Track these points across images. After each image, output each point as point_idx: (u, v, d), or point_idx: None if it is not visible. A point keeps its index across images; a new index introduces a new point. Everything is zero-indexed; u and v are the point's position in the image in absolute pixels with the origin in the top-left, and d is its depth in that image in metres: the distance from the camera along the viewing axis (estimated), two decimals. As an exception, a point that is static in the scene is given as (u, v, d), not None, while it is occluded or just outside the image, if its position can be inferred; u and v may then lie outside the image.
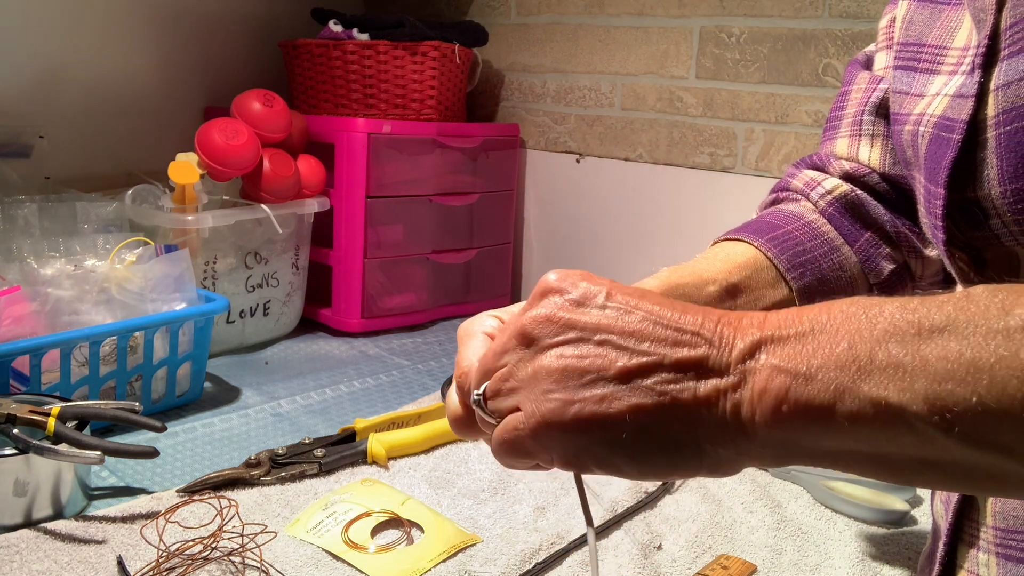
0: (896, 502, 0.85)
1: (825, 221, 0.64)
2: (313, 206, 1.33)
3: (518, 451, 0.41)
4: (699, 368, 0.37)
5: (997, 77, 0.45)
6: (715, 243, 0.65)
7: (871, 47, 0.68)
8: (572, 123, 1.55)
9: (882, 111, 0.64)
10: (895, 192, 0.64)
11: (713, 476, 0.39)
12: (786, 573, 0.76)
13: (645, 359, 0.37)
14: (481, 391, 0.42)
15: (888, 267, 0.62)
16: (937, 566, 0.54)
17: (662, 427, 0.37)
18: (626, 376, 0.37)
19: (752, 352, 0.36)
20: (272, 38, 1.63)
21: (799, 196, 0.67)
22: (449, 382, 1.16)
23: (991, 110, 0.45)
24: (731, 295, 0.58)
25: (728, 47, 1.33)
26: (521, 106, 1.63)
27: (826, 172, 0.66)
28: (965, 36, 0.50)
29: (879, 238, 0.63)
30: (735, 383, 0.36)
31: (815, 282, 0.60)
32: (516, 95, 1.64)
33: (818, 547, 0.80)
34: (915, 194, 0.60)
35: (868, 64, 0.67)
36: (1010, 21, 0.44)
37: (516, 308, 0.48)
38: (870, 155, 0.64)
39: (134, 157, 1.48)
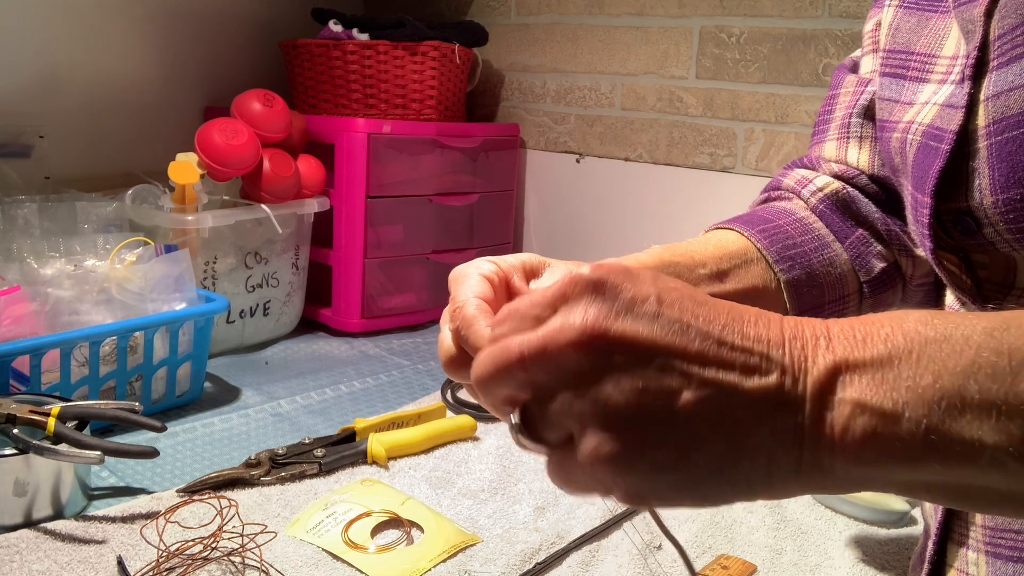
0: (896, 502, 0.85)
1: (816, 218, 0.64)
2: (313, 206, 1.33)
3: (576, 488, 0.37)
4: (774, 399, 0.33)
5: (987, 87, 0.45)
6: (707, 232, 0.65)
7: (857, 52, 0.68)
8: (572, 123, 1.55)
9: (870, 114, 0.64)
10: (884, 193, 0.64)
11: (768, 499, 0.36)
12: (786, 573, 0.76)
13: (714, 391, 0.33)
14: (518, 418, 0.37)
15: (879, 265, 0.62)
16: (927, 565, 0.54)
17: (735, 467, 0.34)
18: (694, 412, 0.33)
19: (829, 382, 0.33)
20: (272, 38, 1.63)
21: (791, 195, 0.67)
22: (449, 383, 1.16)
23: (982, 120, 0.45)
24: (719, 279, 0.57)
25: (728, 47, 1.33)
26: (521, 106, 1.63)
27: (816, 171, 0.67)
28: (953, 45, 0.50)
29: (870, 236, 0.63)
30: (814, 420, 0.33)
31: (804, 276, 0.60)
32: (516, 95, 1.64)
33: (818, 547, 0.80)
34: (903, 198, 0.60)
35: (855, 68, 0.67)
36: (999, 32, 0.44)
37: (513, 259, 0.47)
38: (859, 158, 0.64)
39: (134, 157, 1.48)
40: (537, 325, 0.35)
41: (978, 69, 0.45)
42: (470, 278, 0.45)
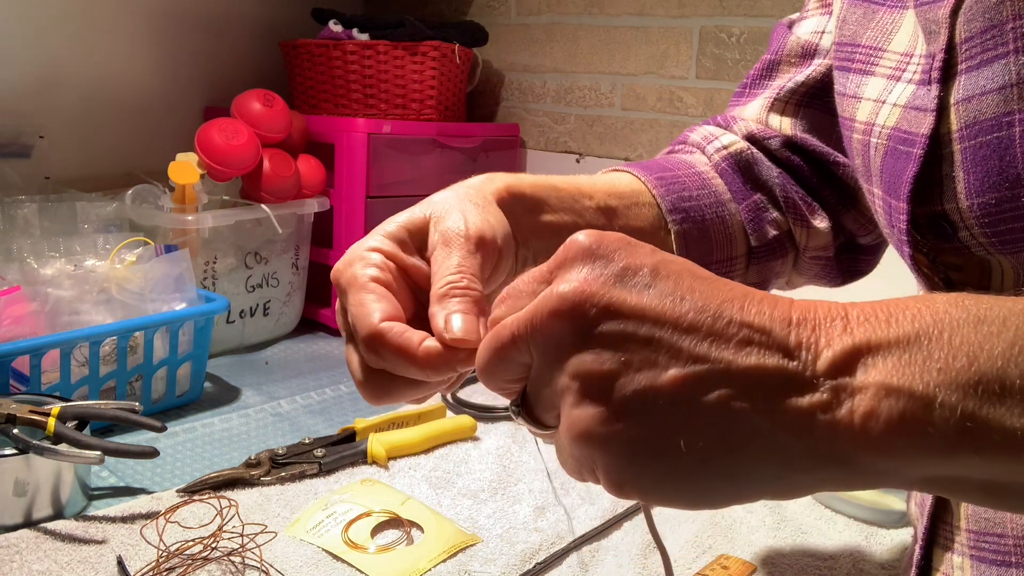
0: (896, 502, 0.85)
1: (716, 175, 0.63)
2: (313, 206, 1.33)
3: (569, 472, 0.35)
4: (776, 380, 0.30)
5: (957, 91, 0.44)
6: (600, 173, 0.63)
7: (795, 15, 0.67)
8: (572, 123, 1.55)
9: (804, 88, 0.63)
10: (799, 157, 0.63)
11: (778, 500, 0.33)
12: (786, 573, 0.76)
13: (704, 367, 0.30)
14: (519, 402, 0.36)
15: (771, 232, 0.62)
16: (914, 569, 0.54)
17: (727, 457, 0.30)
18: (681, 389, 0.30)
19: (848, 363, 0.30)
20: (272, 38, 1.63)
21: (694, 149, 0.66)
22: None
23: (954, 124, 0.44)
24: (606, 216, 0.55)
25: (728, 47, 1.33)
26: (521, 106, 1.63)
27: (727, 130, 0.66)
28: (906, 40, 0.50)
29: (767, 201, 0.62)
30: (826, 402, 0.30)
31: (695, 230, 0.59)
32: (516, 95, 1.64)
33: (818, 547, 0.80)
34: (836, 172, 0.60)
35: (791, 27, 0.66)
36: (966, 34, 0.44)
37: (394, 228, 0.45)
38: (781, 123, 0.63)
39: (134, 157, 1.48)
40: (532, 300, 0.34)
41: (945, 71, 0.45)
42: (364, 290, 0.42)
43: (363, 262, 0.43)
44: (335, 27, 1.46)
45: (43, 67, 1.38)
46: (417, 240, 0.46)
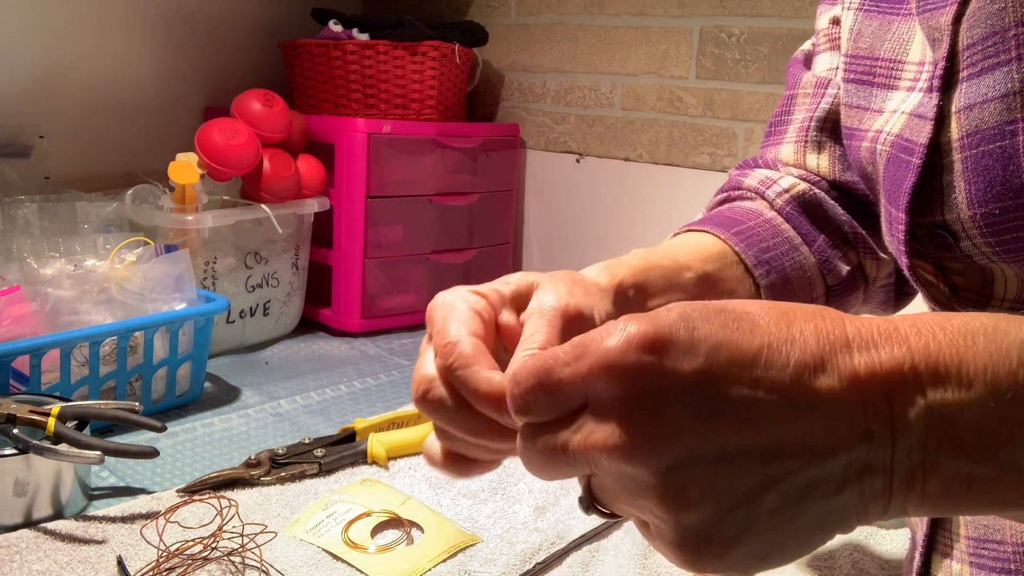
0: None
1: (783, 220, 0.62)
2: (313, 206, 1.33)
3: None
4: (859, 466, 0.30)
5: (958, 99, 0.43)
6: (675, 235, 0.62)
7: (807, 45, 0.66)
8: (572, 123, 1.55)
9: (830, 120, 0.62)
10: (846, 199, 0.63)
11: None
12: (786, 573, 0.76)
13: (782, 471, 0.30)
14: (589, 499, 0.35)
15: (844, 268, 0.61)
16: (914, 575, 0.54)
17: (796, 539, 0.31)
18: (758, 493, 0.30)
19: (919, 438, 0.29)
20: (272, 38, 1.63)
21: (753, 195, 0.65)
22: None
23: (955, 133, 0.43)
24: (704, 286, 0.55)
25: (728, 47, 1.33)
26: (521, 106, 1.63)
27: (780, 173, 0.65)
28: (919, 50, 0.49)
29: (836, 239, 0.62)
30: (902, 483, 0.30)
31: (779, 280, 0.58)
32: (516, 95, 1.64)
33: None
34: (872, 203, 0.59)
35: (808, 63, 0.65)
36: (968, 41, 0.43)
37: (501, 287, 0.44)
38: (818, 163, 0.63)
39: (134, 157, 1.48)
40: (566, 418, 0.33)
41: (946, 79, 0.44)
42: (458, 311, 0.41)
43: (465, 297, 0.43)
44: (335, 27, 1.46)
45: (43, 67, 1.38)
46: (517, 304, 0.45)
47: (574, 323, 0.42)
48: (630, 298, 0.50)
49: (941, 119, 0.44)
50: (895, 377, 0.30)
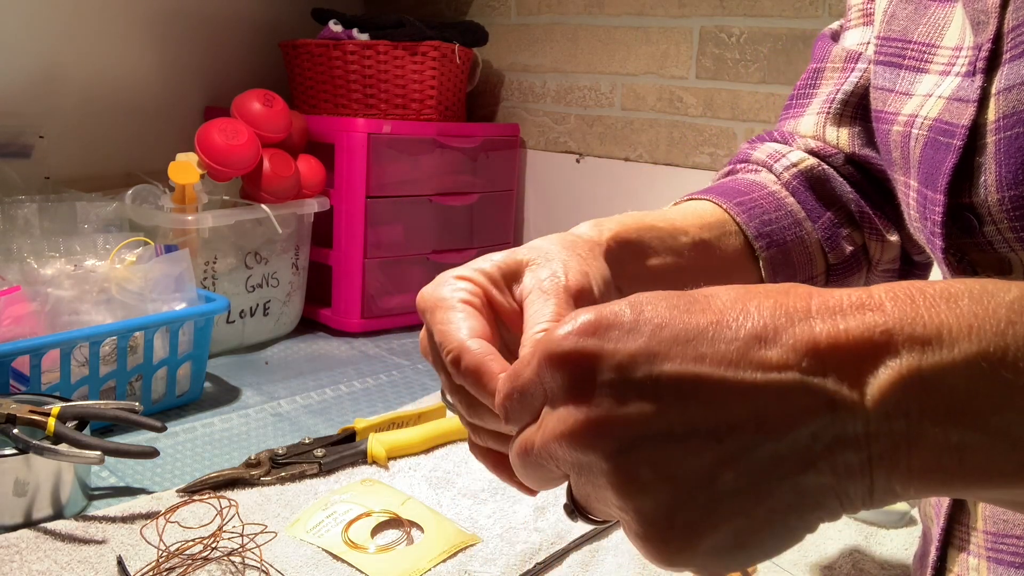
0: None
1: (788, 194, 0.61)
2: (313, 206, 1.33)
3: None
4: (829, 437, 0.28)
5: (999, 81, 0.43)
6: (677, 203, 0.61)
7: (835, 25, 0.66)
8: (572, 123, 1.55)
9: (855, 97, 0.61)
10: (860, 174, 0.62)
11: None
12: (786, 573, 0.76)
13: (737, 447, 0.28)
14: (572, 505, 0.34)
15: (848, 247, 0.61)
16: (929, 570, 0.53)
17: (769, 524, 0.30)
18: (714, 472, 0.29)
19: (898, 405, 0.28)
20: (272, 38, 1.63)
21: (760, 167, 0.64)
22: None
23: (992, 114, 0.43)
24: (701, 252, 0.54)
25: (728, 47, 1.33)
26: (521, 106, 1.63)
27: (790, 147, 0.64)
28: (956, 35, 0.49)
29: (842, 217, 0.61)
30: (884, 457, 0.28)
31: (779, 255, 0.58)
32: (516, 95, 1.64)
33: (818, 547, 0.80)
34: (892, 188, 0.59)
35: (836, 38, 0.65)
36: (1013, 23, 0.43)
37: (487, 266, 0.43)
38: (838, 136, 0.62)
39: (134, 157, 1.48)
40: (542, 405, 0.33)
41: (990, 62, 0.44)
42: (453, 310, 0.40)
43: (452, 286, 0.42)
44: (335, 27, 1.46)
45: (43, 67, 1.38)
46: (509, 281, 0.44)
47: (575, 297, 0.42)
48: (624, 255, 0.49)
49: (983, 99, 0.44)
50: (864, 343, 0.28)
